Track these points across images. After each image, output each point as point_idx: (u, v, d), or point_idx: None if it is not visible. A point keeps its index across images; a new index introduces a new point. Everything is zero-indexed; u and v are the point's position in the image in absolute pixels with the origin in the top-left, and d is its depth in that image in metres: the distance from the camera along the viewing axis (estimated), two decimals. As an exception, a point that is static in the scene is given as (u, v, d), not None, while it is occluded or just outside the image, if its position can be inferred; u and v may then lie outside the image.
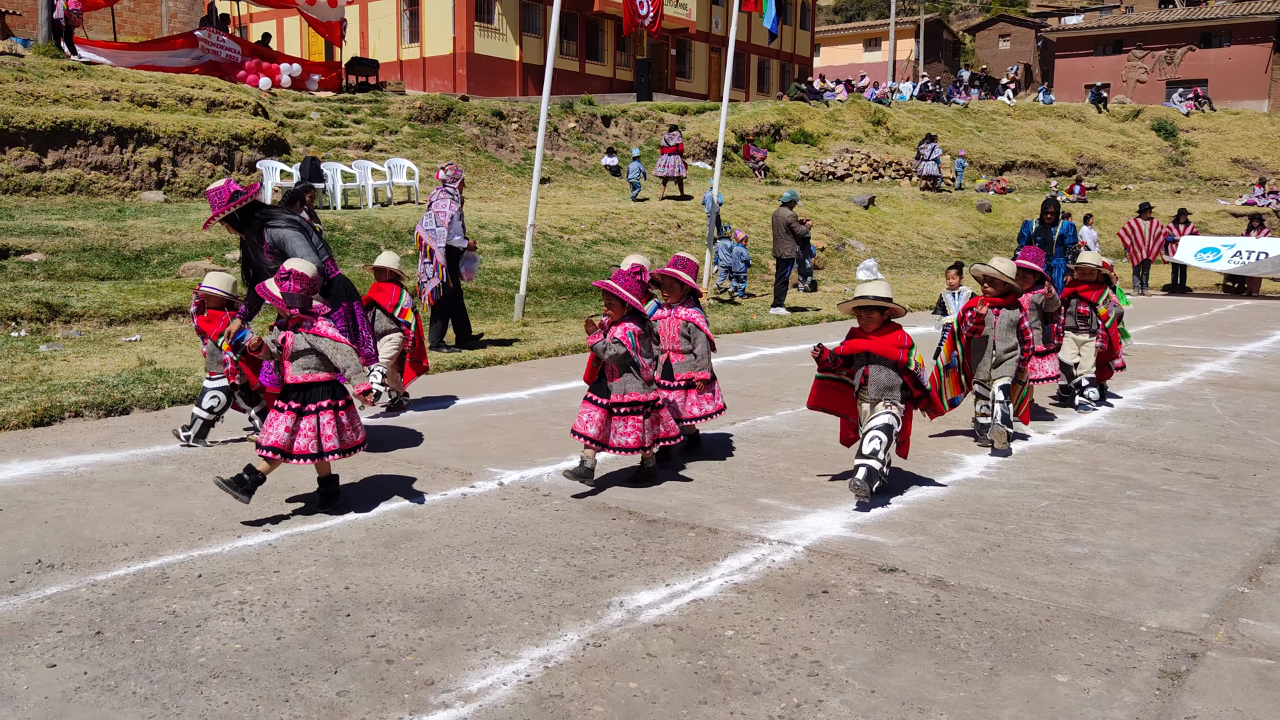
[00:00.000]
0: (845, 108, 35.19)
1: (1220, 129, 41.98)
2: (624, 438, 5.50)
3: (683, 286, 6.26)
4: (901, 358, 5.36)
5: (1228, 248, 20.75)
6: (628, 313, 5.58)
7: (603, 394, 5.52)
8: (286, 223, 6.18)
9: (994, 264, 6.69)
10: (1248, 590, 4.26)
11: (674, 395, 6.13)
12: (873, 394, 5.46)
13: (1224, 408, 8.41)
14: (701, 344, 6.20)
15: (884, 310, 5.46)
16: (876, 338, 5.42)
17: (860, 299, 5.45)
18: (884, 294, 5.41)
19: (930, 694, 3.30)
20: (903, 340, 5.39)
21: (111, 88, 17.63)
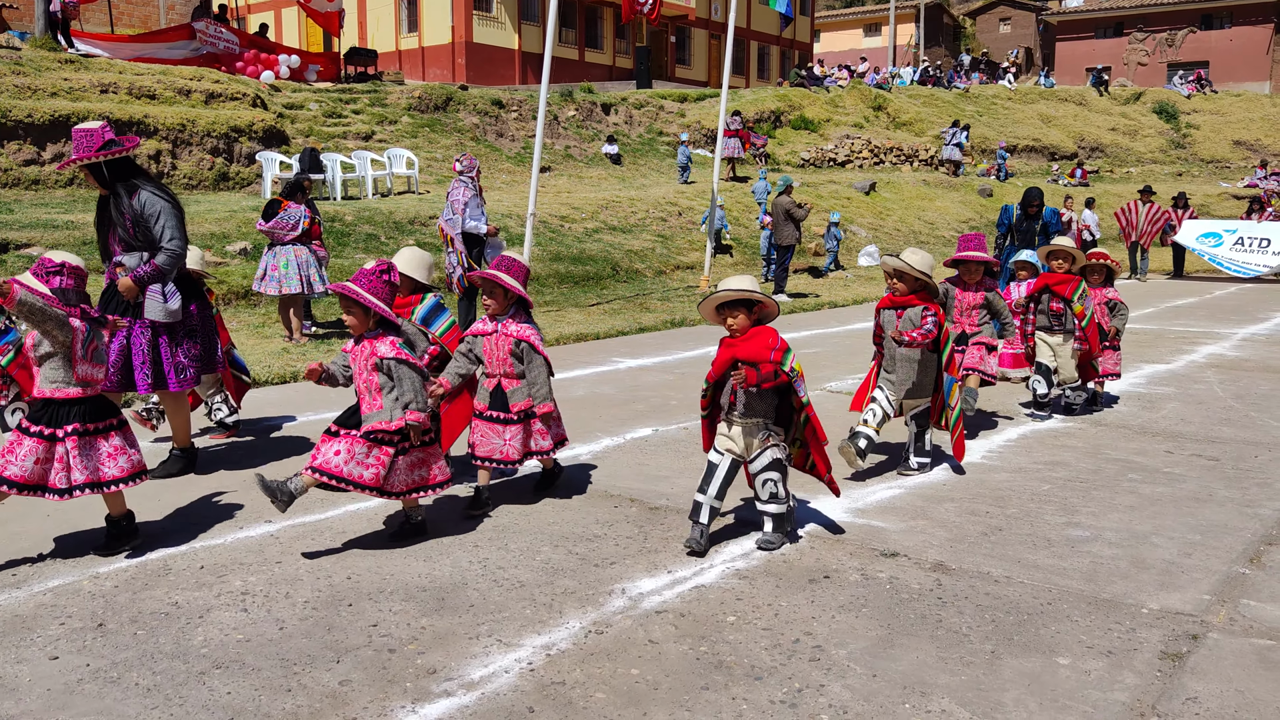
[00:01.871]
0: (846, 93, 35.07)
1: (1222, 111, 41.83)
2: (360, 468, 4.31)
3: (506, 294, 5.02)
4: (773, 359, 4.37)
5: (1229, 233, 20.36)
6: (375, 323, 4.49)
7: (350, 422, 4.47)
8: (163, 194, 5.41)
9: (905, 255, 5.64)
10: (1249, 571, 4.26)
11: (510, 431, 4.96)
12: (740, 412, 4.46)
13: (1226, 390, 8.40)
14: (538, 368, 4.98)
15: (751, 306, 4.51)
16: (743, 342, 4.45)
17: (721, 294, 4.49)
18: (746, 285, 4.51)
19: (932, 678, 3.30)
20: (773, 342, 4.41)
21: (109, 80, 17.59)
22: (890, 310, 5.71)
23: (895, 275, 5.65)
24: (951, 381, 5.67)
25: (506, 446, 4.96)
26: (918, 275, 5.56)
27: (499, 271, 5.04)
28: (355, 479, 4.31)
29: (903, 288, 5.65)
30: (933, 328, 5.52)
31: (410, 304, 5.26)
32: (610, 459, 6.10)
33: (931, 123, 34.43)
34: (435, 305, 5.34)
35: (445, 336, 5.29)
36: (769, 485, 4.47)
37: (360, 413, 4.47)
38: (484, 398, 5.05)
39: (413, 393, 4.40)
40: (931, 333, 5.50)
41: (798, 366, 4.44)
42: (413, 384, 4.42)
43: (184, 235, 5.42)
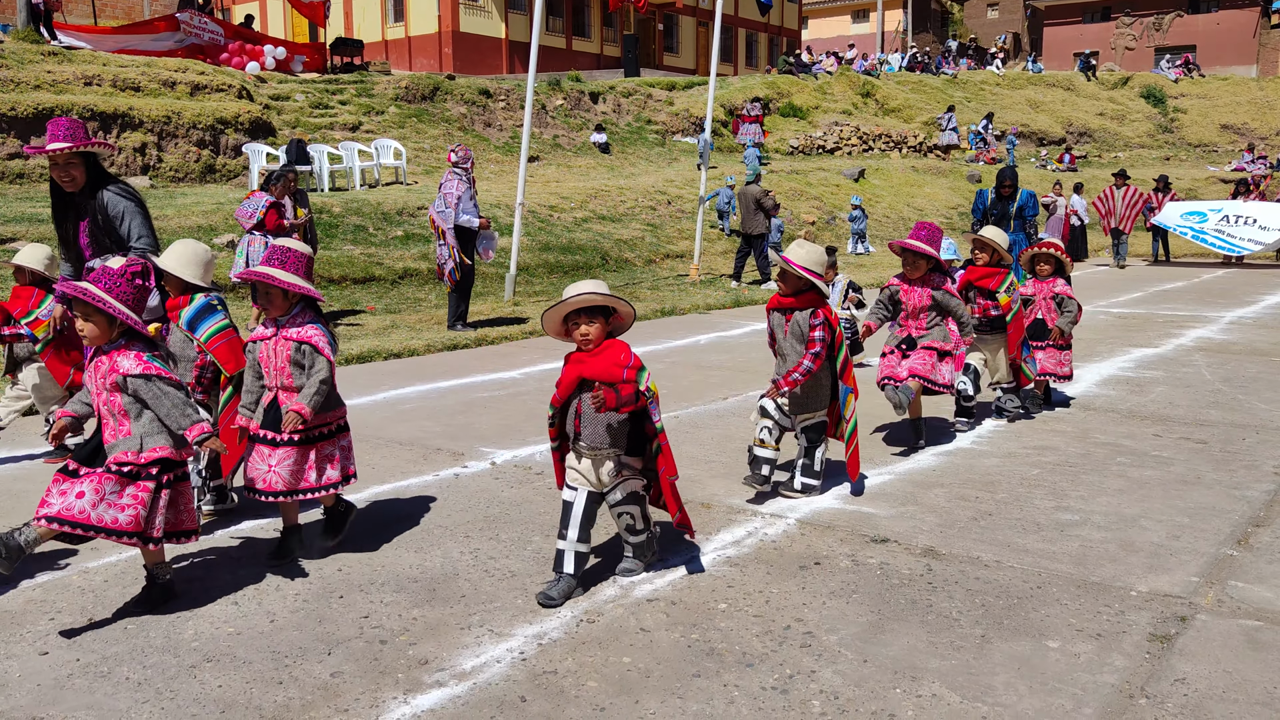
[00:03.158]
0: (834, 80, 35.04)
1: (1209, 95, 41.91)
2: (113, 510, 3.54)
3: (285, 294, 4.12)
4: (626, 377, 3.78)
5: (1214, 211, 20.18)
6: (120, 333, 3.68)
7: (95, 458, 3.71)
8: (126, 192, 5.18)
9: (791, 250, 4.94)
10: (1236, 553, 4.29)
11: (278, 455, 4.08)
12: (587, 442, 3.87)
13: (1214, 373, 8.44)
14: (321, 372, 4.08)
15: (607, 314, 3.88)
16: (593, 359, 3.83)
17: (574, 298, 3.80)
18: (601, 289, 3.83)
19: (922, 662, 3.31)
20: (626, 358, 3.82)
21: (93, 73, 17.46)
22: (779, 312, 5.05)
23: (779, 276, 4.99)
24: (847, 391, 4.99)
25: (272, 474, 4.06)
26: (799, 274, 4.84)
27: (270, 268, 4.10)
28: (108, 524, 3.50)
29: (785, 287, 4.96)
30: (820, 349, 4.87)
31: (179, 306, 4.60)
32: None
33: (920, 109, 34.43)
34: (204, 306, 4.60)
35: (212, 341, 4.56)
36: (625, 518, 3.98)
37: (103, 441, 3.69)
38: (259, 414, 4.19)
39: (173, 413, 3.62)
40: (821, 356, 4.87)
41: (653, 387, 3.90)
42: (171, 403, 3.63)
43: (153, 233, 5.21)
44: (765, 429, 5.02)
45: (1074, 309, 6.86)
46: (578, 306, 3.83)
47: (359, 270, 13.22)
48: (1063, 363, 6.96)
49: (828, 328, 4.87)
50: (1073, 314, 6.85)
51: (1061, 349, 6.93)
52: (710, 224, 19.03)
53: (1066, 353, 6.97)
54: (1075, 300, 6.90)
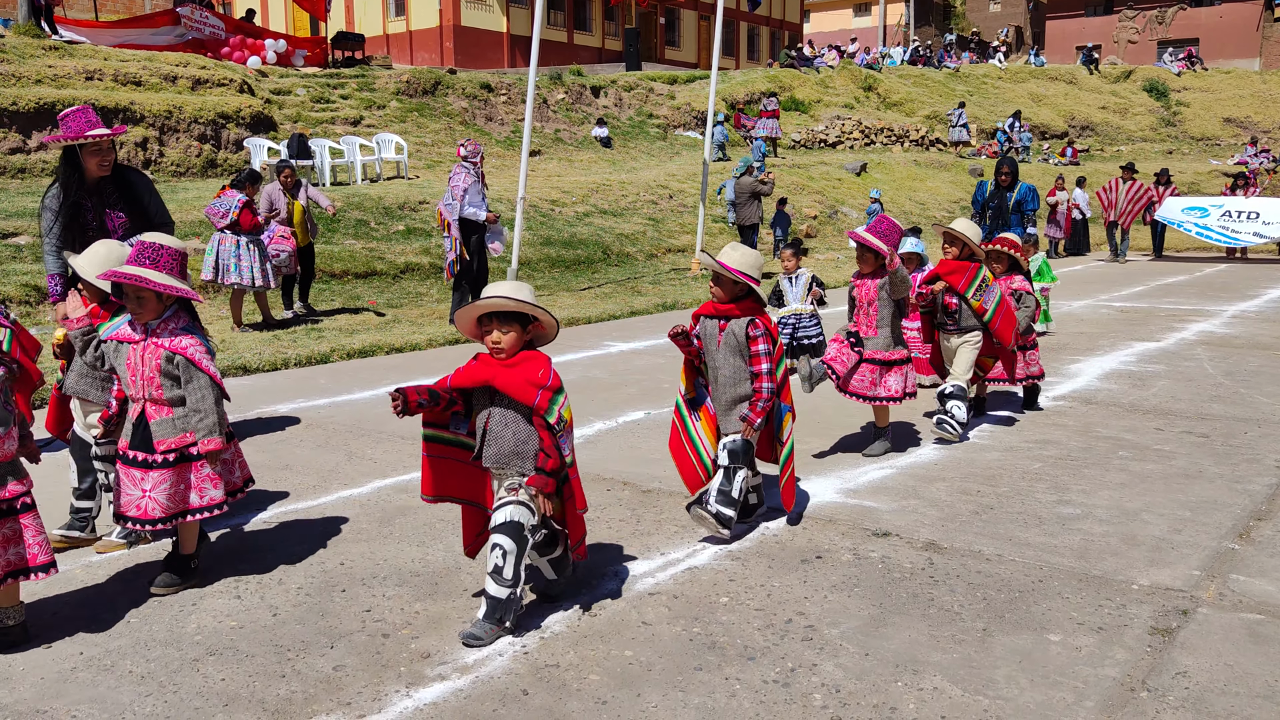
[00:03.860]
0: (836, 74, 34.97)
1: (1212, 88, 41.80)
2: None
3: (160, 297, 3.74)
4: (539, 403, 3.41)
5: (1216, 207, 19.91)
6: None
7: None
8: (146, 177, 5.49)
9: (725, 253, 4.42)
10: (1238, 547, 4.29)
11: (152, 479, 3.70)
12: (492, 460, 3.50)
13: (1216, 367, 8.43)
14: (201, 390, 3.72)
15: (525, 323, 3.50)
16: (505, 369, 3.45)
17: (488, 301, 3.45)
18: (523, 294, 3.45)
19: (924, 656, 3.32)
20: (544, 377, 3.43)
21: (94, 67, 17.45)
22: (713, 320, 4.46)
23: (712, 278, 4.47)
24: (785, 410, 4.50)
25: (146, 500, 3.69)
26: (734, 278, 4.33)
27: (140, 268, 3.68)
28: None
29: (720, 293, 4.41)
30: (770, 365, 4.36)
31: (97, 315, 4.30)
32: (602, 442, 6.11)
33: (922, 103, 34.37)
34: None
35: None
36: (496, 553, 3.36)
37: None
38: (125, 432, 3.81)
39: None
40: (774, 373, 4.37)
41: (567, 414, 3.49)
42: None
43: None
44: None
45: (1030, 305, 6.54)
46: (490, 310, 3.46)
47: (360, 265, 13.22)
48: (1030, 362, 6.61)
49: (769, 338, 4.37)
50: (1030, 310, 6.52)
51: (1025, 348, 6.56)
52: (715, 218, 19.00)
53: (1033, 352, 6.65)
54: (1033, 295, 6.62)
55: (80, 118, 5.05)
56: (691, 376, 4.57)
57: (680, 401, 4.59)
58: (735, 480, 4.31)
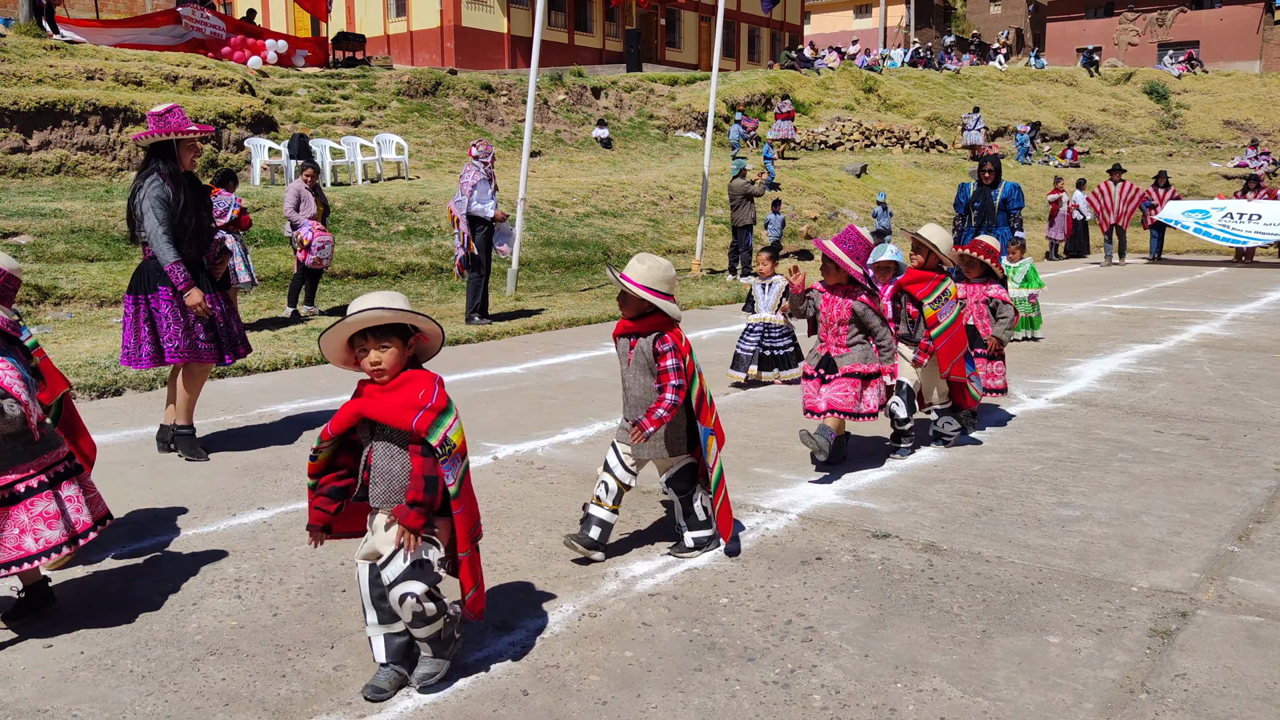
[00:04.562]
0: (836, 76, 34.98)
1: (1212, 91, 41.82)
2: None
3: None
4: (418, 424, 2.96)
5: (1218, 209, 19.85)
6: None
7: None
8: None
9: (630, 267, 4.05)
10: (1237, 549, 4.29)
11: None
12: (381, 499, 3.06)
13: (1215, 369, 8.44)
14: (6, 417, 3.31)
15: (406, 336, 3.05)
16: (384, 393, 3.02)
17: (361, 315, 2.96)
18: (398, 303, 3.01)
19: (923, 657, 3.32)
20: (426, 397, 3.01)
21: (95, 67, 17.46)
22: (624, 339, 4.16)
23: (619, 295, 4.13)
24: (706, 433, 4.15)
25: None
26: (639, 294, 3.98)
27: None
28: None
29: (627, 311, 4.10)
30: (679, 380, 4.02)
31: None
32: (603, 443, 6.11)
33: (922, 104, 34.38)
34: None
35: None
36: (409, 602, 2.98)
37: None
38: None
39: None
40: (682, 388, 4.04)
41: (456, 438, 3.02)
42: None
43: None
44: (603, 486, 4.19)
45: (1009, 315, 6.26)
46: (361, 327, 2.98)
47: (361, 265, 13.23)
48: (994, 374, 6.32)
49: (678, 354, 4.04)
50: (1008, 320, 6.24)
51: (992, 359, 6.31)
52: (714, 219, 19.01)
53: (998, 364, 6.36)
54: (1011, 305, 6.32)
55: (177, 115, 5.37)
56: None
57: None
58: (695, 505, 4.24)
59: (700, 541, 4.26)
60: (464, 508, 3.11)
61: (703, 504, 4.26)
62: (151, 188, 5.35)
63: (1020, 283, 10.17)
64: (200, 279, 5.54)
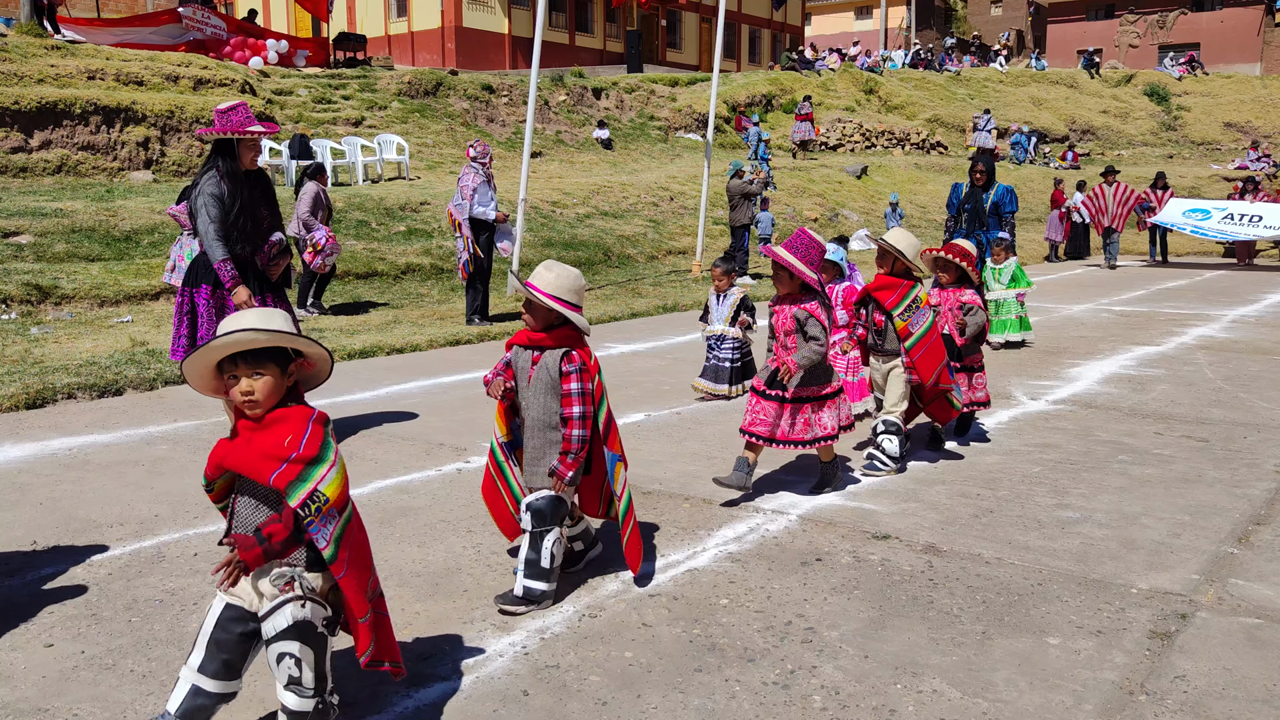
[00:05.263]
0: (837, 77, 35.01)
1: (1212, 93, 41.84)
2: None
3: None
4: (276, 480, 2.58)
5: (1218, 209, 19.64)
6: None
7: None
8: None
9: (538, 275, 3.75)
10: (1237, 551, 4.30)
11: None
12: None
13: (1215, 371, 8.44)
14: None
15: (285, 362, 2.67)
16: (249, 433, 2.66)
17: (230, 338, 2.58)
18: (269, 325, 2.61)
19: (923, 658, 3.33)
20: (294, 444, 2.61)
21: (96, 66, 17.47)
22: (525, 351, 3.82)
23: (524, 303, 3.78)
24: (614, 459, 3.85)
25: None
26: (547, 304, 3.67)
27: None
28: None
29: (532, 321, 3.75)
30: (584, 409, 3.68)
31: None
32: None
33: (923, 106, 34.39)
34: None
35: None
36: (286, 664, 2.64)
37: None
38: None
39: None
40: (588, 417, 3.71)
41: (330, 491, 2.62)
42: None
43: None
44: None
45: (980, 319, 5.91)
46: (231, 351, 2.61)
47: (361, 265, 13.24)
48: (976, 387, 6.01)
49: (585, 375, 3.71)
50: (979, 323, 5.89)
51: (971, 370, 6.00)
52: (715, 220, 19.01)
53: (978, 375, 6.04)
54: (984, 311, 6.01)
55: (241, 113, 5.39)
56: (508, 419, 3.89)
57: (495, 445, 3.92)
58: (544, 546, 3.67)
59: (532, 596, 3.65)
60: (349, 569, 2.68)
61: (553, 550, 3.67)
62: (207, 185, 5.43)
63: (1007, 283, 9.93)
64: (249, 278, 5.56)
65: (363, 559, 2.78)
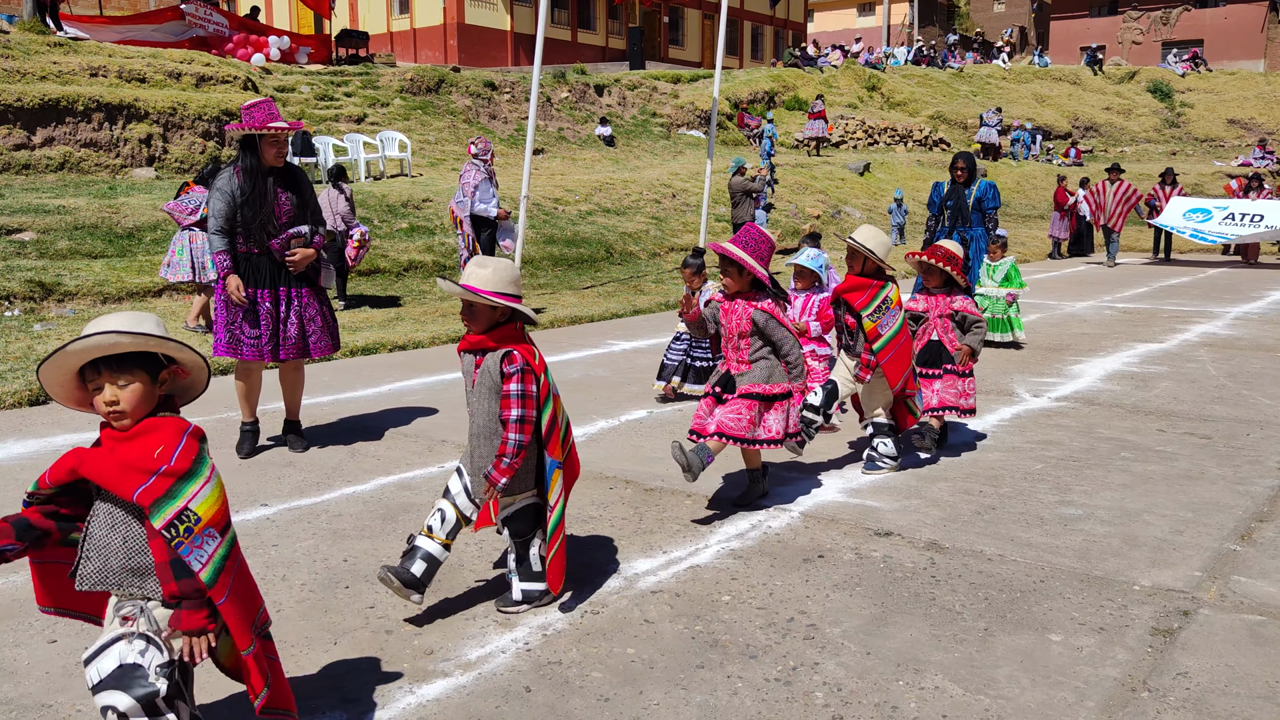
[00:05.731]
0: (839, 74, 34.96)
1: (1216, 90, 41.75)
2: None
3: None
4: (140, 495, 2.31)
5: (1220, 209, 19.41)
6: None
7: None
8: None
9: (469, 274, 3.52)
10: (1239, 548, 4.29)
11: None
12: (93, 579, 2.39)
13: (1218, 369, 8.43)
14: None
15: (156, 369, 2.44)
16: (123, 443, 2.38)
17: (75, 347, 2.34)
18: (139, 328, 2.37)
19: (925, 655, 3.33)
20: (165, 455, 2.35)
21: (99, 64, 17.47)
22: (469, 355, 3.63)
23: (463, 308, 3.58)
24: (553, 466, 3.61)
25: None
26: (489, 301, 3.45)
27: None
28: None
29: (473, 324, 3.55)
30: (523, 411, 3.47)
31: None
32: (605, 441, 6.12)
33: (926, 103, 34.36)
34: None
35: None
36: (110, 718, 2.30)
37: None
38: None
39: None
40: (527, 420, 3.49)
41: (204, 509, 2.35)
42: None
43: None
44: (439, 514, 3.62)
45: (982, 327, 5.69)
46: (92, 356, 2.36)
47: (363, 263, 13.23)
48: (965, 394, 5.65)
49: (528, 377, 3.50)
50: (981, 332, 5.66)
51: (962, 376, 5.65)
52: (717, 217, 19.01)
53: (968, 381, 5.68)
54: (980, 317, 5.71)
55: (265, 109, 5.44)
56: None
57: None
58: (531, 553, 3.68)
59: (530, 596, 3.68)
60: (229, 596, 2.38)
61: (541, 553, 3.65)
62: (219, 179, 5.53)
63: (1000, 282, 9.73)
64: (261, 270, 5.54)
65: (247, 589, 2.49)
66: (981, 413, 6.81)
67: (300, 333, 5.69)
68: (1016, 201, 27.64)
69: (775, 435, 4.58)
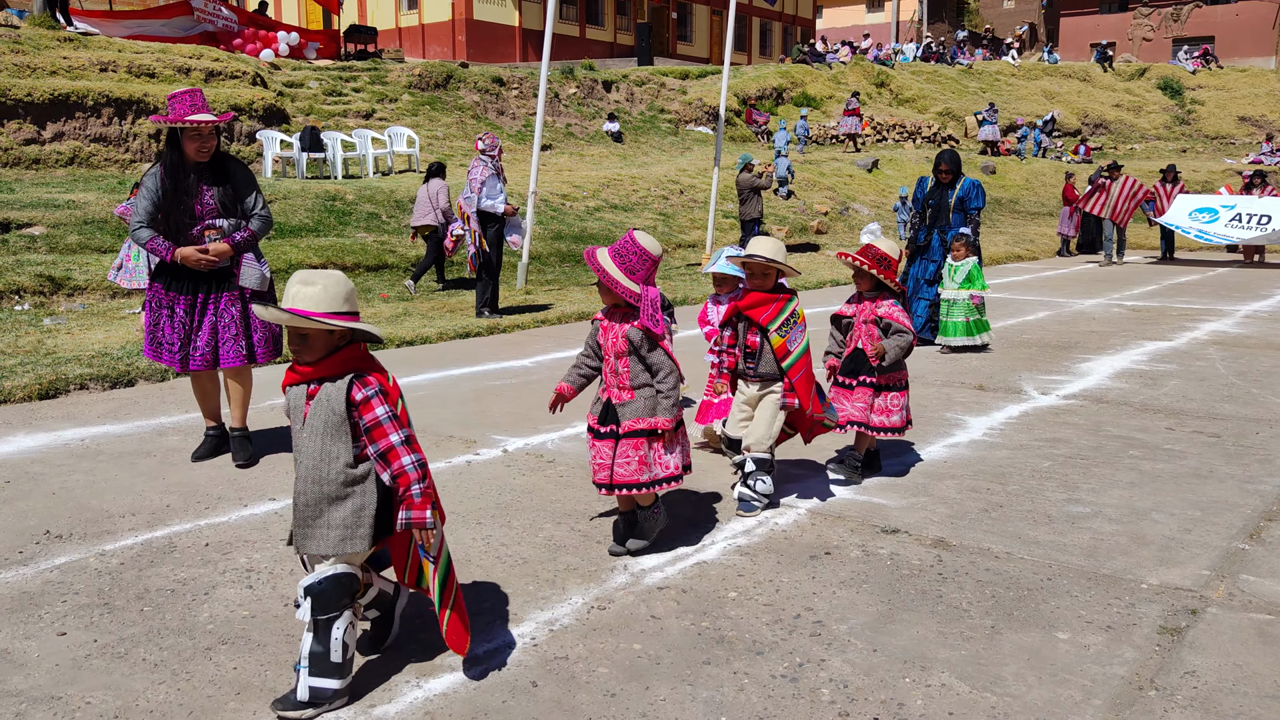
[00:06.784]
0: (848, 70, 34.89)
1: (1227, 87, 41.57)
2: None
3: None
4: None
5: (1226, 208, 19.03)
6: None
7: None
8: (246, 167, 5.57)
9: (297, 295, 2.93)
10: (1248, 547, 4.28)
11: None
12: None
13: (1228, 367, 8.40)
14: None
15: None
16: None
17: None
18: None
19: (932, 652, 3.32)
20: None
21: (108, 59, 17.52)
22: (300, 388, 3.05)
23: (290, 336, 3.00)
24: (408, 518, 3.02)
25: None
26: (329, 326, 2.93)
27: None
28: None
29: (308, 352, 2.97)
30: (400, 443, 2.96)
31: None
32: (612, 437, 6.12)
33: (935, 99, 34.26)
34: None
35: None
36: None
37: None
38: None
39: None
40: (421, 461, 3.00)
41: None
42: None
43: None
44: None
45: (907, 337, 5.00)
46: None
47: (371, 258, 13.26)
48: (889, 410, 5.04)
49: (388, 398, 3.00)
50: (907, 341, 5.00)
51: (887, 389, 5.06)
52: (725, 213, 19.00)
53: (895, 395, 5.07)
54: (908, 326, 5.02)
55: (187, 101, 5.07)
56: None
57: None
58: (332, 636, 2.95)
59: (320, 697, 2.92)
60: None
61: (345, 639, 2.96)
62: (146, 176, 5.26)
63: (960, 283, 9.20)
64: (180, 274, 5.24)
65: None
66: (989, 410, 6.80)
67: (211, 342, 5.27)
68: (1025, 199, 27.55)
69: (673, 471, 4.07)
